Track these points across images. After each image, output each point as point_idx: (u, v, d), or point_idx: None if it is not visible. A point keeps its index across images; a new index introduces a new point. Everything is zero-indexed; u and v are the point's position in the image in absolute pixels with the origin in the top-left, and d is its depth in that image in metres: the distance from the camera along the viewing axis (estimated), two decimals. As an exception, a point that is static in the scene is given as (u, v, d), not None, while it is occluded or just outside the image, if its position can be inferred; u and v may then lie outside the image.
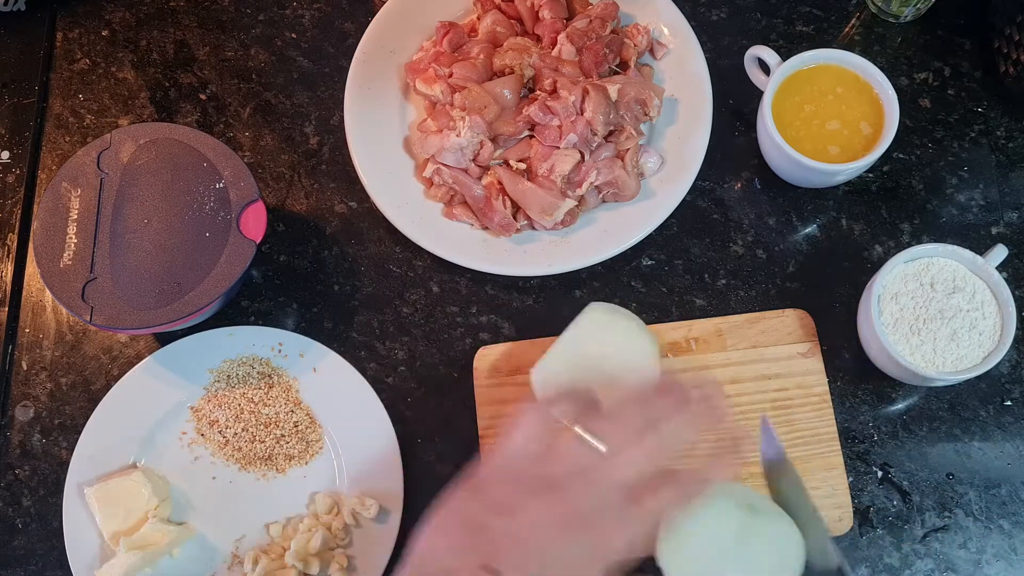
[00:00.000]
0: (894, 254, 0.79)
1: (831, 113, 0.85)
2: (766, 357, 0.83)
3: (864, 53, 0.86)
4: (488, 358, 0.84)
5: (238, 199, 0.81)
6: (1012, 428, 0.83)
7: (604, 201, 0.88)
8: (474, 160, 0.88)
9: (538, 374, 0.79)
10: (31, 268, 0.90)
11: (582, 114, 0.86)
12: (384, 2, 0.94)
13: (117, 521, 0.79)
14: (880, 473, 0.82)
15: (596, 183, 0.86)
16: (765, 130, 0.84)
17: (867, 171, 0.89)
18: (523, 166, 0.88)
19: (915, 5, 0.92)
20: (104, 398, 0.83)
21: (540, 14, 0.91)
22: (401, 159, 0.90)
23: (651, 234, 0.87)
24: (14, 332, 0.88)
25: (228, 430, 0.84)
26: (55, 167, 0.93)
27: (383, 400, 0.83)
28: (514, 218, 0.86)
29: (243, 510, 0.82)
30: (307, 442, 0.84)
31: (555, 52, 0.89)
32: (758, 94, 0.86)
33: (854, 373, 0.84)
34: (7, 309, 0.88)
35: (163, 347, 0.85)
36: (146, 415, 0.84)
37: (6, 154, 0.93)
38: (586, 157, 0.86)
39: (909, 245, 0.83)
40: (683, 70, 0.91)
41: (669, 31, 0.92)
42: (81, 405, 0.86)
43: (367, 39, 0.92)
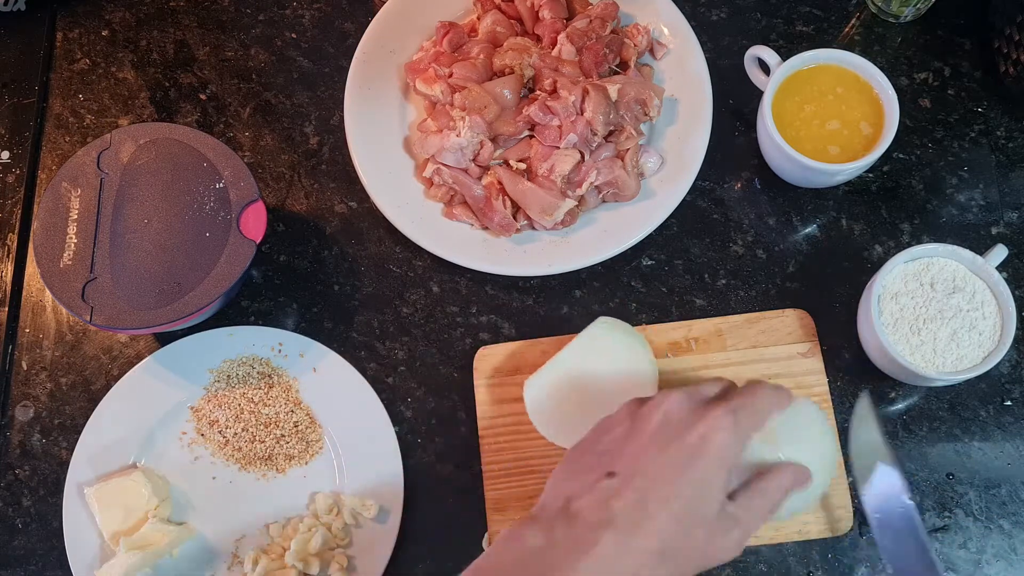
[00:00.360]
0: (894, 254, 0.79)
1: (831, 113, 0.85)
2: (766, 357, 0.83)
3: (864, 53, 0.86)
4: (488, 358, 0.84)
5: (238, 199, 0.81)
6: (1012, 428, 0.83)
7: (604, 201, 0.88)
8: (474, 160, 0.88)
9: (530, 389, 0.79)
10: (31, 268, 0.90)
11: (582, 114, 0.86)
12: (384, 2, 0.94)
13: (117, 521, 0.79)
14: (880, 473, 0.82)
15: (596, 183, 0.86)
16: (765, 130, 0.84)
17: (867, 171, 0.89)
18: (523, 166, 0.88)
19: (915, 5, 0.92)
20: (104, 398, 0.84)
21: (540, 14, 0.91)
22: (401, 159, 0.90)
23: (651, 234, 0.87)
24: (14, 332, 0.88)
25: (228, 430, 0.84)
26: (55, 167, 0.93)
27: (383, 400, 0.83)
28: (514, 218, 0.86)
29: (243, 510, 0.82)
30: (307, 442, 0.84)
31: (555, 52, 0.89)
32: (758, 94, 0.86)
33: (854, 373, 0.84)
34: (7, 309, 0.88)
35: (163, 347, 0.85)
36: (146, 415, 0.84)
37: (6, 154, 0.93)
38: (586, 157, 0.86)
39: (909, 245, 0.83)
40: (683, 70, 0.91)
41: (669, 31, 0.92)
42: (81, 405, 0.86)
43: (367, 39, 0.92)
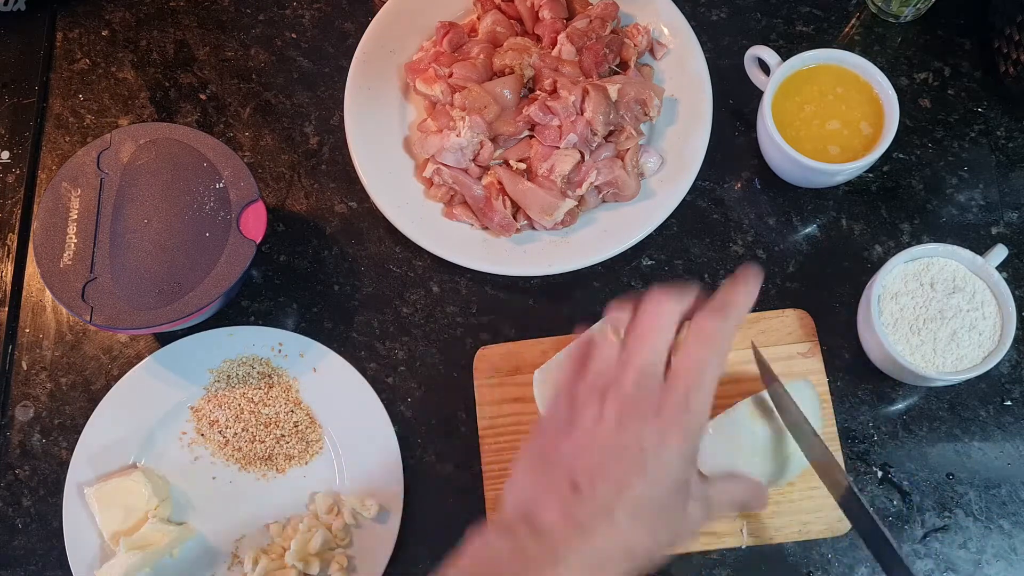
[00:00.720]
0: (894, 254, 0.79)
1: (831, 113, 0.85)
2: (766, 357, 0.83)
3: (864, 53, 0.86)
4: (488, 358, 0.84)
5: (238, 199, 0.81)
6: (1012, 428, 0.83)
7: (604, 201, 0.88)
8: (474, 160, 0.88)
9: (542, 374, 0.79)
10: (31, 268, 0.90)
11: (582, 114, 0.86)
12: (384, 2, 0.94)
13: (117, 521, 0.79)
14: (880, 473, 0.82)
15: (596, 183, 0.86)
16: (765, 130, 0.84)
17: (867, 171, 0.89)
18: (523, 166, 0.88)
19: (915, 5, 0.92)
20: (104, 398, 0.83)
21: (540, 14, 0.91)
22: (401, 159, 0.90)
23: (651, 234, 0.87)
24: (14, 332, 0.88)
25: (228, 430, 0.84)
26: (55, 167, 0.93)
27: (383, 400, 0.83)
28: (514, 218, 0.86)
29: (243, 510, 0.82)
30: (307, 442, 0.84)
31: (555, 52, 0.89)
32: (758, 94, 0.86)
33: (854, 373, 0.84)
34: (7, 309, 0.88)
35: (163, 347, 0.85)
36: (146, 415, 0.84)
37: (6, 154, 0.93)
38: (586, 157, 0.86)
39: (909, 245, 0.83)
40: (683, 70, 0.91)
41: (669, 31, 0.92)
42: (81, 405, 0.86)
43: (367, 39, 0.92)
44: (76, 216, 0.80)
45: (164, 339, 0.86)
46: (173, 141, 0.82)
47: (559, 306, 0.88)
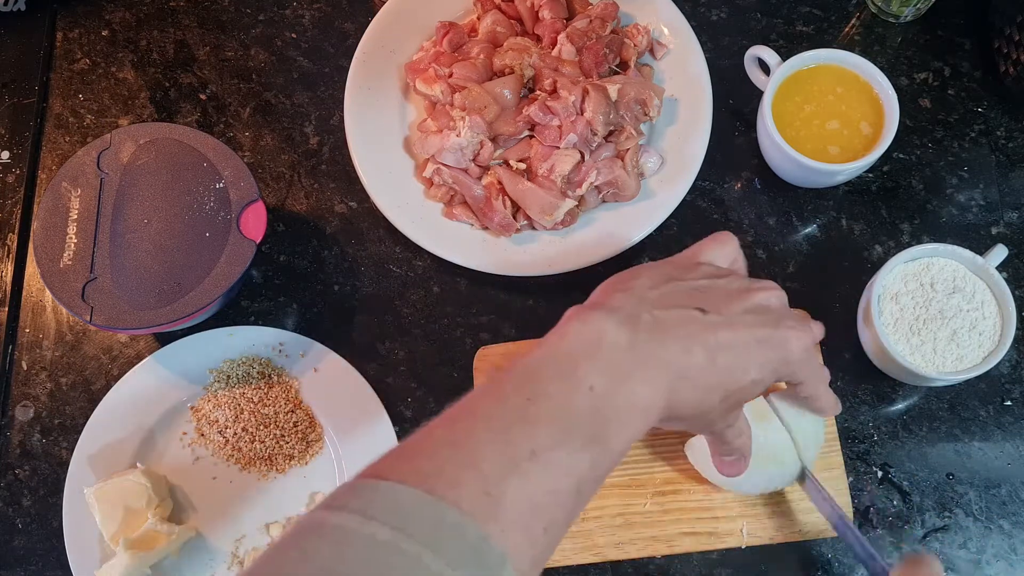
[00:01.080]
0: (894, 254, 0.79)
1: (831, 113, 0.85)
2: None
3: (864, 53, 0.86)
4: (488, 358, 0.84)
5: (238, 199, 0.81)
6: (1012, 428, 0.83)
7: (604, 201, 0.88)
8: (474, 160, 0.88)
9: None
10: (31, 268, 0.90)
11: (582, 114, 0.86)
12: (384, 2, 0.94)
13: (117, 521, 0.79)
14: (880, 473, 0.82)
15: (596, 183, 0.86)
16: (765, 130, 0.84)
17: (867, 171, 0.89)
18: (523, 166, 0.88)
19: (915, 5, 0.92)
20: (104, 398, 0.83)
21: (540, 14, 0.91)
22: (401, 159, 0.90)
23: (651, 234, 0.87)
24: (14, 332, 0.88)
25: (228, 430, 0.84)
26: (55, 167, 0.93)
27: (383, 400, 0.83)
28: (514, 218, 0.86)
29: (243, 510, 0.82)
30: (307, 442, 0.84)
31: (555, 52, 0.89)
32: (758, 94, 0.86)
33: (854, 373, 0.84)
34: (7, 309, 0.88)
35: (163, 347, 0.85)
36: (146, 415, 0.84)
37: (6, 154, 0.93)
38: (586, 157, 0.86)
39: (909, 245, 0.83)
40: (683, 70, 0.91)
41: (669, 31, 0.92)
42: (81, 405, 0.86)
43: (367, 39, 0.92)
44: (76, 216, 0.80)
45: (164, 339, 0.86)
46: (173, 141, 0.82)
47: (559, 306, 0.87)
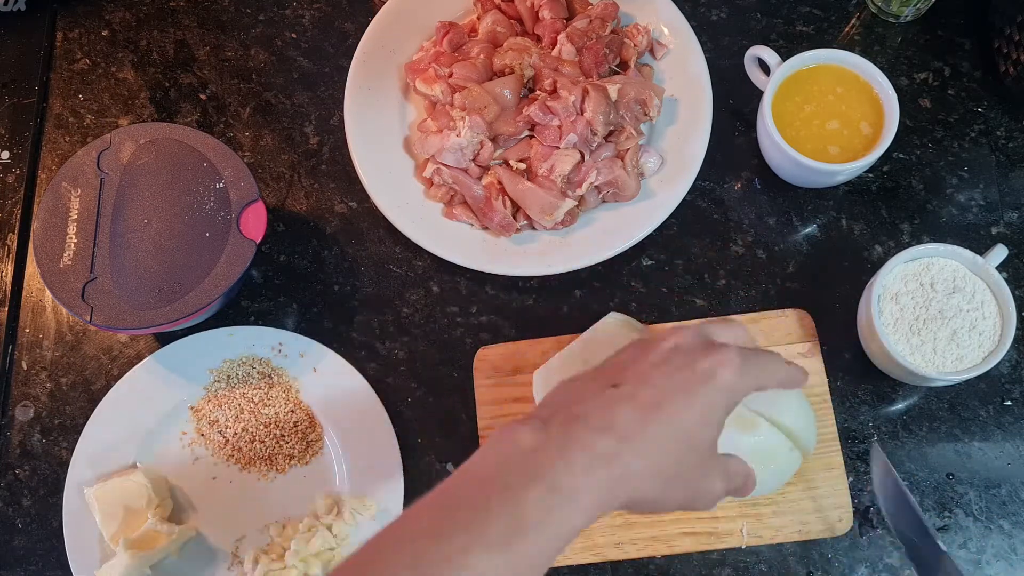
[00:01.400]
0: (894, 254, 0.79)
1: (831, 113, 0.85)
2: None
3: (864, 53, 0.86)
4: (488, 358, 0.84)
5: (238, 199, 0.81)
6: (1012, 428, 0.83)
7: (604, 201, 0.88)
8: (474, 160, 0.88)
9: (541, 376, 0.79)
10: (31, 268, 0.90)
11: (582, 114, 0.86)
12: (384, 2, 0.94)
13: (117, 521, 0.79)
14: (880, 473, 0.82)
15: (596, 183, 0.86)
16: (765, 130, 0.84)
17: (867, 171, 0.89)
18: (523, 166, 0.88)
19: (915, 5, 0.92)
20: (104, 398, 0.83)
21: (540, 14, 0.91)
22: (401, 159, 0.90)
23: (651, 234, 0.87)
24: (14, 332, 0.88)
25: (228, 430, 0.84)
26: (55, 167, 0.93)
27: (383, 400, 0.83)
28: (514, 218, 0.86)
29: (243, 510, 0.82)
30: (307, 442, 0.84)
31: (555, 52, 0.89)
32: (758, 94, 0.86)
33: (854, 373, 0.84)
34: (7, 309, 0.88)
35: (163, 347, 0.85)
36: (146, 415, 0.84)
37: (6, 154, 0.93)
38: (586, 157, 0.86)
39: (909, 245, 0.83)
40: (683, 70, 0.91)
41: (669, 31, 0.92)
42: (81, 405, 0.86)
43: (367, 39, 0.92)
44: (76, 216, 0.80)
45: (164, 339, 0.86)
46: (173, 141, 0.82)
47: (559, 306, 0.88)
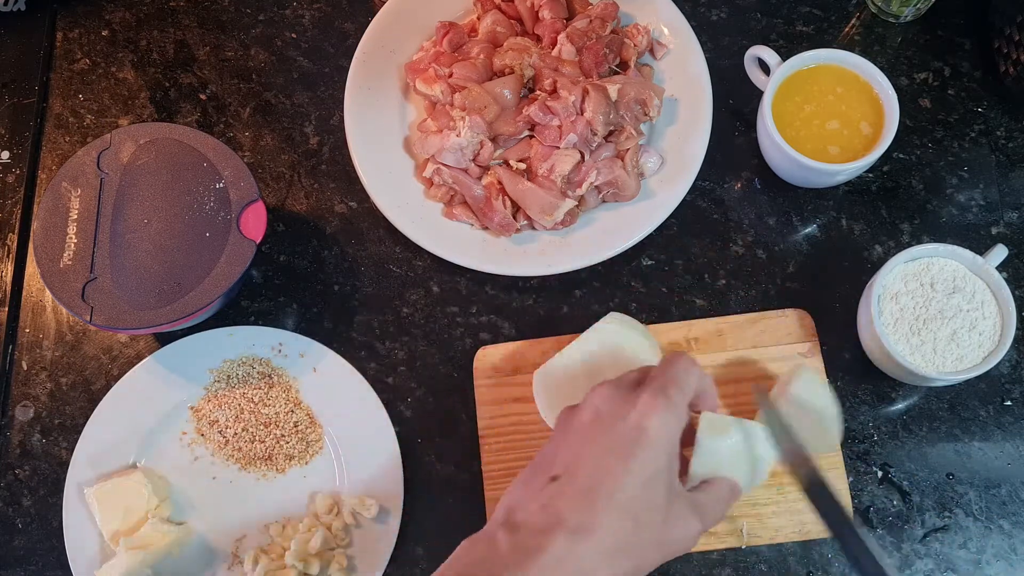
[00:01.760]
0: (894, 254, 0.79)
1: (831, 113, 0.85)
2: (766, 357, 0.83)
3: (864, 53, 0.86)
4: (488, 358, 0.84)
5: (238, 199, 0.81)
6: (1012, 428, 0.83)
7: (604, 201, 0.88)
8: (474, 160, 0.88)
9: (540, 377, 0.79)
10: (31, 268, 0.90)
11: (582, 114, 0.86)
12: (384, 2, 0.94)
13: (117, 521, 0.79)
14: (880, 473, 0.82)
15: (596, 183, 0.86)
16: (765, 130, 0.84)
17: (867, 171, 0.89)
18: (523, 166, 0.88)
19: (915, 5, 0.92)
20: (104, 398, 0.83)
21: (540, 14, 0.91)
22: (401, 159, 0.90)
23: (651, 234, 0.87)
24: (14, 332, 0.88)
25: (228, 430, 0.84)
26: (55, 167, 0.93)
27: (383, 400, 0.83)
28: (514, 218, 0.86)
29: (243, 510, 0.82)
30: (307, 442, 0.84)
31: (555, 52, 0.89)
32: (758, 94, 0.86)
33: (854, 373, 0.84)
34: (7, 309, 0.88)
35: (163, 347, 0.85)
36: (146, 415, 0.84)
37: (6, 154, 0.93)
38: (586, 157, 0.86)
39: (909, 245, 0.83)
40: (683, 70, 0.91)
41: (669, 31, 0.92)
42: (81, 405, 0.86)
43: (367, 39, 0.92)
44: (76, 216, 0.80)
45: (164, 339, 0.86)
46: (173, 141, 0.82)
47: (559, 306, 0.88)
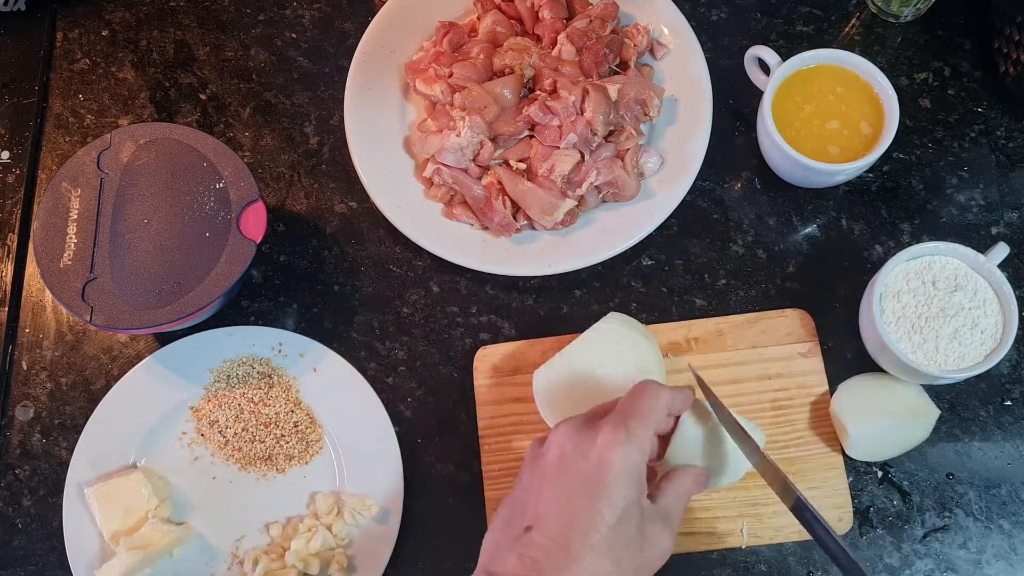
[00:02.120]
0: (894, 254, 0.79)
1: (831, 113, 0.85)
2: (766, 357, 0.83)
3: (864, 53, 0.86)
4: (488, 358, 0.84)
5: (238, 199, 0.81)
6: (1012, 428, 0.83)
7: (604, 201, 0.88)
8: (474, 160, 0.88)
9: (540, 376, 0.79)
10: (31, 268, 0.90)
11: (582, 114, 0.86)
12: (384, 2, 0.94)
13: (117, 521, 0.79)
14: (880, 473, 0.82)
15: (596, 183, 0.86)
16: (765, 130, 0.84)
17: (867, 171, 0.89)
18: (523, 166, 0.88)
19: (915, 5, 0.92)
20: (104, 398, 0.83)
21: (540, 14, 0.91)
22: (401, 159, 0.90)
23: (651, 234, 0.87)
24: (14, 332, 0.88)
25: (228, 430, 0.84)
26: (55, 167, 0.93)
27: (383, 400, 0.83)
28: (514, 218, 0.86)
29: (243, 510, 0.82)
30: (307, 442, 0.84)
31: (555, 52, 0.89)
32: (758, 94, 0.86)
33: (854, 373, 0.84)
34: (7, 309, 0.88)
35: (163, 347, 0.85)
36: (146, 415, 0.84)
37: (6, 154, 0.93)
38: (586, 157, 0.86)
39: (909, 245, 0.83)
40: (683, 70, 0.91)
41: (669, 31, 0.92)
42: (81, 405, 0.86)
43: (367, 39, 0.92)
44: (76, 216, 0.80)
45: (164, 339, 0.86)
46: (173, 141, 0.82)
47: (559, 306, 0.87)
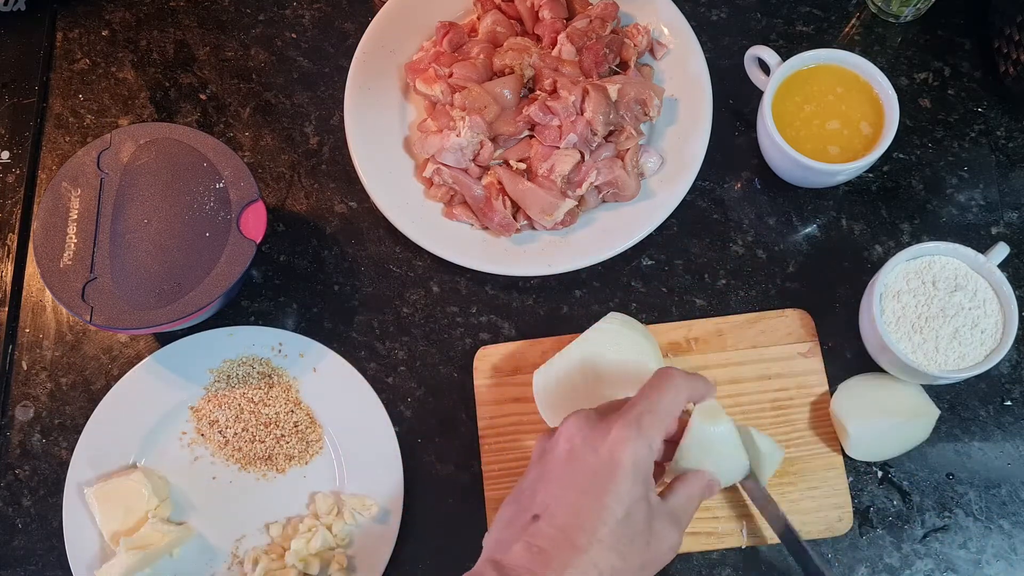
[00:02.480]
0: (894, 254, 0.79)
1: (831, 113, 0.85)
2: (766, 357, 0.83)
3: (864, 53, 0.86)
4: (488, 358, 0.84)
5: (238, 199, 0.81)
6: (1012, 428, 0.83)
7: (604, 201, 0.88)
8: (474, 160, 0.88)
9: (540, 376, 0.79)
10: (31, 268, 0.90)
11: (582, 114, 0.86)
12: (384, 2, 0.94)
13: (117, 521, 0.79)
14: (880, 473, 0.82)
15: (596, 183, 0.86)
16: (765, 130, 0.84)
17: (867, 171, 0.89)
18: (523, 166, 0.88)
19: (915, 5, 0.92)
20: (104, 398, 0.83)
21: (540, 14, 0.91)
22: (401, 159, 0.90)
23: (651, 234, 0.87)
24: (14, 332, 0.88)
25: (228, 430, 0.84)
26: (55, 167, 0.93)
27: (383, 400, 0.83)
28: (514, 218, 0.86)
29: (243, 510, 0.82)
30: (307, 442, 0.84)
31: (555, 52, 0.89)
32: (758, 94, 0.86)
33: (854, 373, 0.84)
34: (7, 309, 0.88)
35: (163, 347, 0.85)
36: (146, 415, 0.84)
37: (6, 154, 0.93)
38: (586, 157, 0.86)
39: (909, 245, 0.83)
40: (683, 70, 0.91)
41: (669, 31, 0.92)
42: (81, 405, 0.86)
43: (367, 39, 0.92)
44: (76, 216, 0.80)
45: (164, 339, 0.86)
46: (173, 141, 0.82)
47: (559, 306, 0.87)
